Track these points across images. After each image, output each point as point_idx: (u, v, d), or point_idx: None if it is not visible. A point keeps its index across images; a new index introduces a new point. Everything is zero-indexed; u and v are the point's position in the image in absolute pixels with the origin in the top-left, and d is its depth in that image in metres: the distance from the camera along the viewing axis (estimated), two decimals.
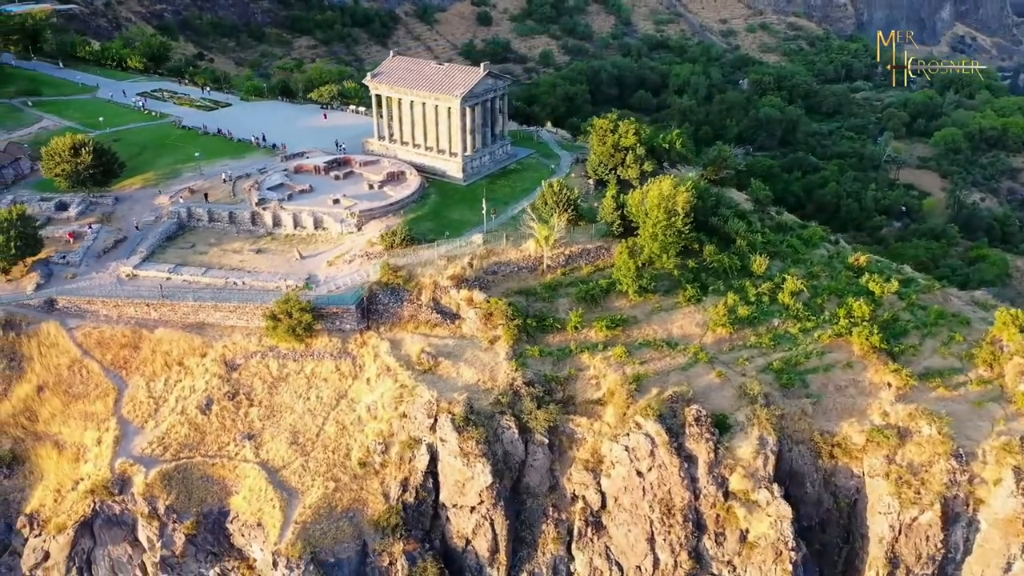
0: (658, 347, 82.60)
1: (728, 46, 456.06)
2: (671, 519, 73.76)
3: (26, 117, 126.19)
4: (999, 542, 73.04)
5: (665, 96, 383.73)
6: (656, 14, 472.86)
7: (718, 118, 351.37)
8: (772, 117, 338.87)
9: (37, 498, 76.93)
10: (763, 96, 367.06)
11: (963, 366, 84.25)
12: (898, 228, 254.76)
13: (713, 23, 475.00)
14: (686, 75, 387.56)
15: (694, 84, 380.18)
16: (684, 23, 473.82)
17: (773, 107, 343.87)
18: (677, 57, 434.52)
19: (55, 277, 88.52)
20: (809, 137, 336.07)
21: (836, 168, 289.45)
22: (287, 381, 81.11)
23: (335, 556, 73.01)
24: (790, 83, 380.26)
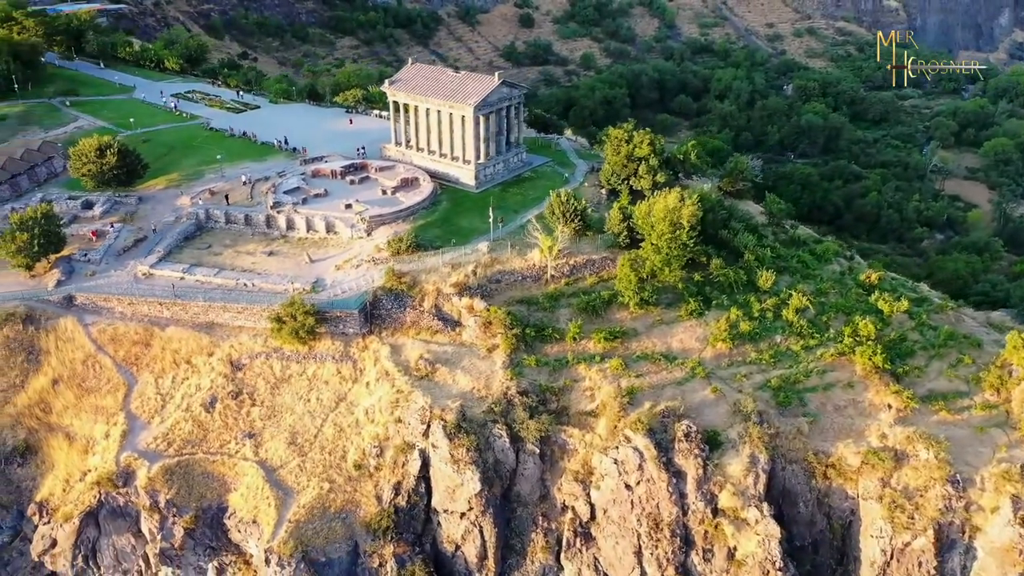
0: (655, 360, 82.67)
1: (774, 51, 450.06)
2: (659, 534, 73.88)
3: (63, 116, 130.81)
4: (995, 571, 71.62)
5: (706, 101, 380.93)
6: (701, 17, 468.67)
7: (759, 124, 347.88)
8: (814, 124, 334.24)
9: (47, 487, 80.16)
10: (807, 102, 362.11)
11: (969, 389, 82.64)
12: (940, 240, 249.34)
13: (759, 27, 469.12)
14: (728, 80, 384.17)
15: (736, 89, 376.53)
16: (729, 27, 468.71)
17: (816, 114, 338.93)
18: (721, 61, 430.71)
19: (76, 274, 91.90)
20: (853, 145, 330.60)
21: (879, 177, 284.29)
22: (289, 382, 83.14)
23: (326, 556, 74.68)
24: (835, 89, 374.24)
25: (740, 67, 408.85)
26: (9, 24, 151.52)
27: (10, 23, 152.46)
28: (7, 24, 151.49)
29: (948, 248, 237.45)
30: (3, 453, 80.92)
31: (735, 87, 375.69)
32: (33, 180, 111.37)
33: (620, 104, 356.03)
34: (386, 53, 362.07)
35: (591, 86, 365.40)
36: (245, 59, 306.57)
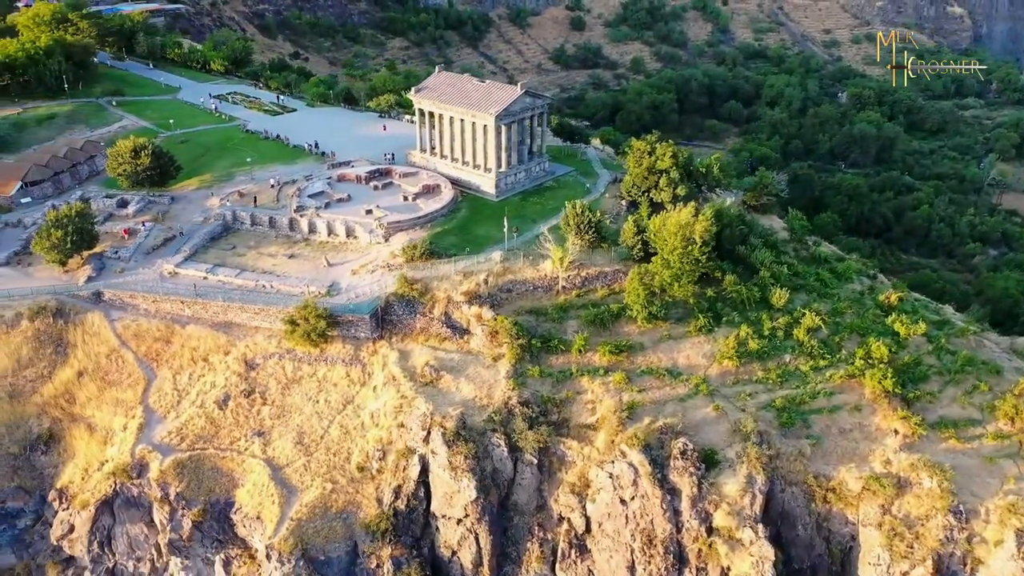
0: (660, 376, 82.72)
1: (830, 57, 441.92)
2: (652, 549, 74.05)
3: (109, 116, 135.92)
4: None
5: (757, 107, 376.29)
6: (756, 22, 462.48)
7: (810, 132, 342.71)
8: (867, 133, 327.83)
9: (67, 475, 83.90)
10: (861, 111, 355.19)
11: (983, 418, 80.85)
12: (993, 257, 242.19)
13: (815, 33, 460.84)
14: (781, 86, 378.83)
15: (788, 96, 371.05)
16: (785, 32, 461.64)
17: (870, 123, 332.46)
18: (774, 67, 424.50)
19: (106, 271, 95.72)
20: (907, 156, 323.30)
21: (932, 190, 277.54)
22: (300, 383, 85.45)
23: (325, 554, 76.68)
24: (892, 98, 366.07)
25: (794, 73, 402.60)
26: (65, 25, 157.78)
27: (66, 24, 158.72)
28: (63, 25, 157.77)
29: (1001, 265, 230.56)
30: (29, 440, 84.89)
31: (787, 94, 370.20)
32: (75, 178, 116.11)
33: (668, 109, 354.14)
34: (436, 54, 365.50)
35: (639, 90, 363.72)
36: (296, 59, 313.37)
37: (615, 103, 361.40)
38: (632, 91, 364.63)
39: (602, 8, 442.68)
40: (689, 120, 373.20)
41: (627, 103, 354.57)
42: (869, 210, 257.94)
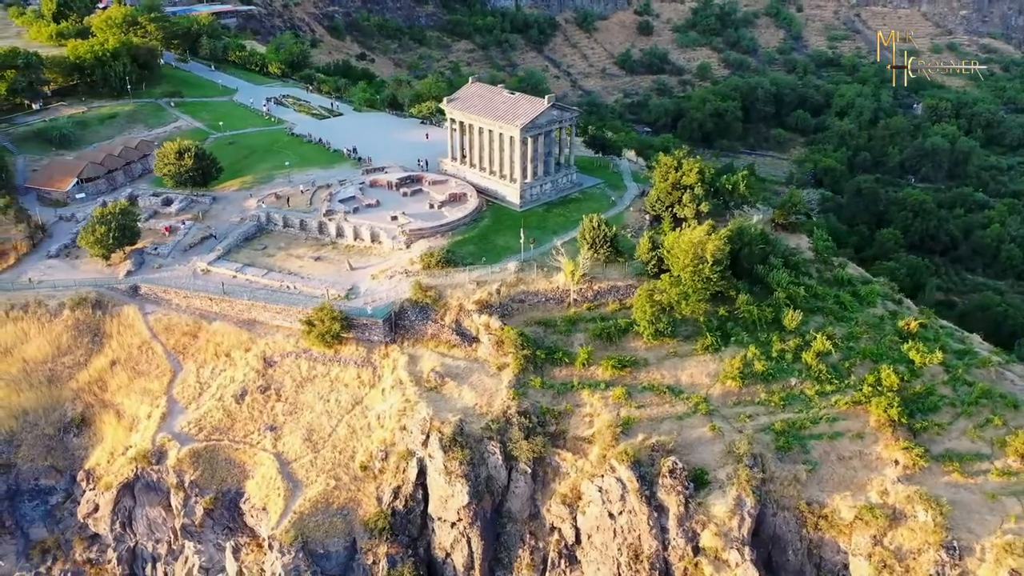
0: (660, 393, 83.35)
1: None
2: (638, 565, 74.95)
3: (166, 116, 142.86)
4: None
5: (826, 117, 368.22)
6: (831, 29, 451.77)
7: (880, 144, 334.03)
8: (939, 147, 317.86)
9: (95, 457, 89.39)
10: (936, 123, 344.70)
11: (992, 453, 79.01)
12: None
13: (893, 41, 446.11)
14: (851, 96, 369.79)
15: (859, 106, 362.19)
16: (860, 40, 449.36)
17: (944, 136, 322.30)
18: (847, 76, 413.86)
19: (145, 266, 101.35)
20: (982, 171, 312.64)
21: (1005, 208, 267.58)
22: (313, 382, 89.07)
23: (325, 548, 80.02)
24: (970, 111, 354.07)
25: (867, 83, 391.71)
26: (134, 28, 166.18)
27: (135, 27, 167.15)
28: (133, 28, 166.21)
29: None
30: (63, 423, 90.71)
31: (858, 104, 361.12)
32: (128, 176, 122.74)
33: (731, 117, 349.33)
34: (500, 57, 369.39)
35: (703, 97, 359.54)
36: (362, 60, 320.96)
37: (678, 110, 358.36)
38: (696, 98, 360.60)
39: (671, 13, 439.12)
40: (754, 129, 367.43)
41: (690, 110, 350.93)
42: (935, 227, 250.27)
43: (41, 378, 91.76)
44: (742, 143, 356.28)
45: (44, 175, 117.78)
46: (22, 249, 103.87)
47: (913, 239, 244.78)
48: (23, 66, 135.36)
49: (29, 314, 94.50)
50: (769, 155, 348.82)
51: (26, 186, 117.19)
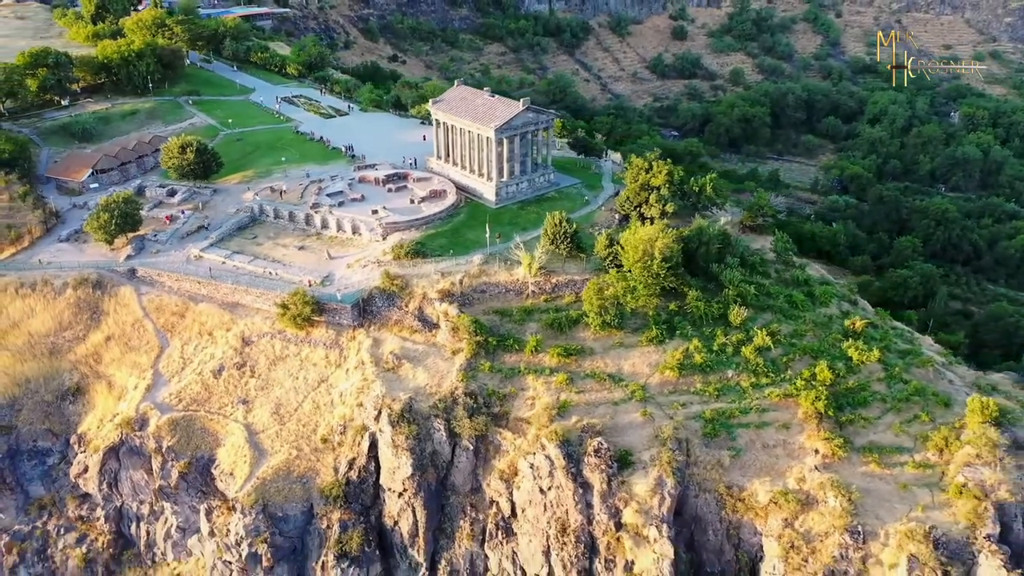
0: (601, 380, 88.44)
1: (947, 74, 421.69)
2: (565, 537, 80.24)
3: (183, 113, 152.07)
4: None
5: (857, 124, 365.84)
6: (870, 36, 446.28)
7: (912, 152, 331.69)
8: (971, 156, 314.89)
9: (87, 423, 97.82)
10: (972, 132, 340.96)
11: (914, 446, 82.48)
12: None
13: (934, 48, 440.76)
14: (885, 103, 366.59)
15: (892, 113, 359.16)
16: (901, 46, 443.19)
17: (978, 145, 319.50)
18: (884, 83, 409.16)
19: (144, 251, 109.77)
20: (1016, 181, 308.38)
21: None
22: (285, 361, 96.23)
23: (284, 512, 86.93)
24: (1009, 120, 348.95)
25: (904, 90, 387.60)
26: (162, 30, 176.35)
27: (164, 28, 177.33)
28: (161, 30, 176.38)
29: None
30: (61, 391, 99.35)
31: (891, 111, 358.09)
32: (141, 168, 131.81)
33: (759, 123, 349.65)
34: (531, 60, 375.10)
35: (731, 103, 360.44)
36: (394, 61, 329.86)
37: (706, 115, 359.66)
38: (725, 103, 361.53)
39: (707, 18, 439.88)
40: (784, 135, 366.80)
41: (718, 115, 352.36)
42: (958, 236, 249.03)
43: (43, 350, 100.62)
44: (770, 149, 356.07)
45: (63, 166, 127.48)
46: (36, 233, 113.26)
47: (935, 248, 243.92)
48: (53, 65, 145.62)
49: (36, 292, 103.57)
50: (797, 161, 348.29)
51: (47, 175, 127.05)
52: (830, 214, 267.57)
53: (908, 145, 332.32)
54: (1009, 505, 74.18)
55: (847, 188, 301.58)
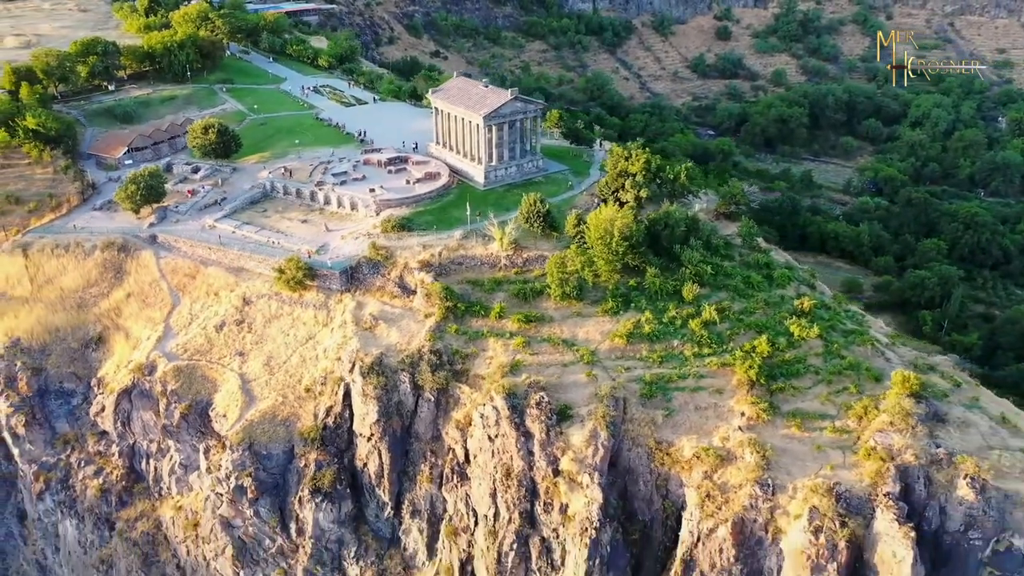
0: (556, 344, 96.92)
1: (998, 79, 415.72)
2: (509, 481, 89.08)
3: (217, 100, 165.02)
4: (791, 572, 79.56)
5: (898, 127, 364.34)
6: (920, 38, 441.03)
7: (952, 156, 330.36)
8: (1011, 161, 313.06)
9: (105, 368, 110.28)
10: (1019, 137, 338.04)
11: (837, 414, 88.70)
12: None
13: (986, 52, 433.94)
14: (928, 107, 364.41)
15: (935, 117, 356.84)
16: (951, 50, 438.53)
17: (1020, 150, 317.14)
18: (932, 86, 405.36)
19: (166, 220, 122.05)
20: None
21: None
22: (279, 319, 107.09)
23: (267, 450, 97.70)
24: None
25: (950, 94, 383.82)
26: (205, 23, 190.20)
27: (206, 22, 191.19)
28: (204, 23, 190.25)
29: None
30: (85, 340, 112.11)
31: (934, 115, 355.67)
32: (173, 148, 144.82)
33: (796, 124, 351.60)
34: (571, 58, 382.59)
35: (768, 103, 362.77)
36: (436, 57, 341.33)
37: (743, 114, 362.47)
38: (762, 103, 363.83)
39: (752, 19, 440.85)
40: (822, 136, 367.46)
41: (754, 115, 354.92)
42: (987, 240, 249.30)
43: (72, 303, 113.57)
44: (806, 149, 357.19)
45: (102, 144, 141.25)
46: (74, 202, 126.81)
47: (963, 251, 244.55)
48: (102, 53, 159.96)
49: (69, 252, 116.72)
50: (834, 162, 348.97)
51: (88, 152, 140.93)
52: (859, 215, 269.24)
53: (949, 149, 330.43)
54: (912, 468, 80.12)
55: (881, 190, 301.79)
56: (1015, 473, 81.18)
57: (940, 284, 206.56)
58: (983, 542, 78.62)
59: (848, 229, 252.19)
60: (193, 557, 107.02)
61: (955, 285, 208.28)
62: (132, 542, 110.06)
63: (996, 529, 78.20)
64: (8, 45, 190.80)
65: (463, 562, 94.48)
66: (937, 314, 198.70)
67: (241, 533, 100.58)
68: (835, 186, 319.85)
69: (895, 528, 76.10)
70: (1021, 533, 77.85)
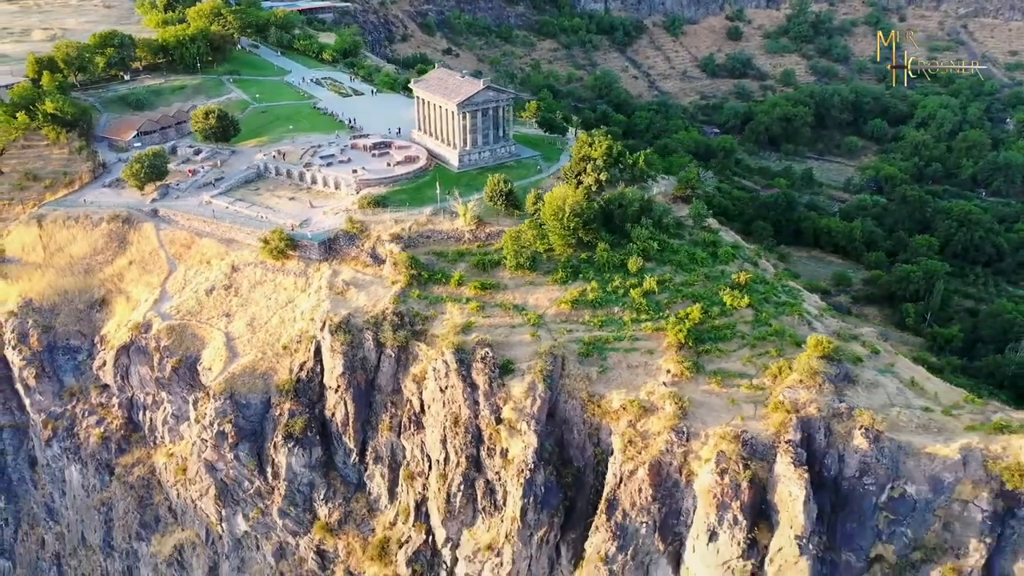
0: (507, 309, 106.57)
1: (1010, 81, 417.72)
2: (457, 428, 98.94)
3: (224, 89, 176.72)
4: (702, 511, 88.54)
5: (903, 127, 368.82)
6: (933, 40, 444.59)
7: (956, 156, 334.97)
8: (1013, 161, 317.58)
9: (108, 327, 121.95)
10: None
11: (755, 373, 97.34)
12: None
13: (999, 54, 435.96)
14: (934, 108, 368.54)
15: (940, 118, 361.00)
16: (963, 51, 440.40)
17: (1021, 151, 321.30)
18: (942, 88, 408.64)
19: (167, 196, 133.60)
20: None
21: None
22: (262, 285, 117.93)
23: (247, 400, 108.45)
24: None
25: (959, 96, 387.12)
26: (217, 18, 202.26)
27: (219, 17, 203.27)
28: (216, 18, 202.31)
29: None
30: (91, 301, 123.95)
31: (939, 116, 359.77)
32: (179, 133, 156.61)
33: (800, 123, 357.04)
34: (581, 57, 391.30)
35: (773, 103, 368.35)
36: (447, 54, 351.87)
37: (748, 113, 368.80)
38: (767, 103, 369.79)
39: (764, 19, 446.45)
40: (828, 135, 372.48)
41: (759, 114, 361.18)
42: (980, 238, 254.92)
43: (80, 269, 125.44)
44: (810, 148, 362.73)
45: (114, 127, 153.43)
46: (85, 179, 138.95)
47: (956, 248, 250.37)
48: (118, 45, 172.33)
49: (79, 223, 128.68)
50: (837, 161, 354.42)
51: (101, 135, 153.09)
52: (855, 212, 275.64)
53: (953, 149, 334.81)
54: (815, 420, 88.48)
55: (882, 188, 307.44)
56: (911, 428, 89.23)
57: (925, 278, 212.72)
58: (877, 487, 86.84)
59: (841, 225, 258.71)
60: (182, 499, 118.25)
61: (939, 280, 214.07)
62: (129, 486, 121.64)
63: (889, 476, 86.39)
64: (36, 38, 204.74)
65: (418, 503, 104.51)
66: (920, 307, 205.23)
67: (223, 475, 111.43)
68: (835, 184, 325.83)
69: (791, 471, 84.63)
70: (913, 481, 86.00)
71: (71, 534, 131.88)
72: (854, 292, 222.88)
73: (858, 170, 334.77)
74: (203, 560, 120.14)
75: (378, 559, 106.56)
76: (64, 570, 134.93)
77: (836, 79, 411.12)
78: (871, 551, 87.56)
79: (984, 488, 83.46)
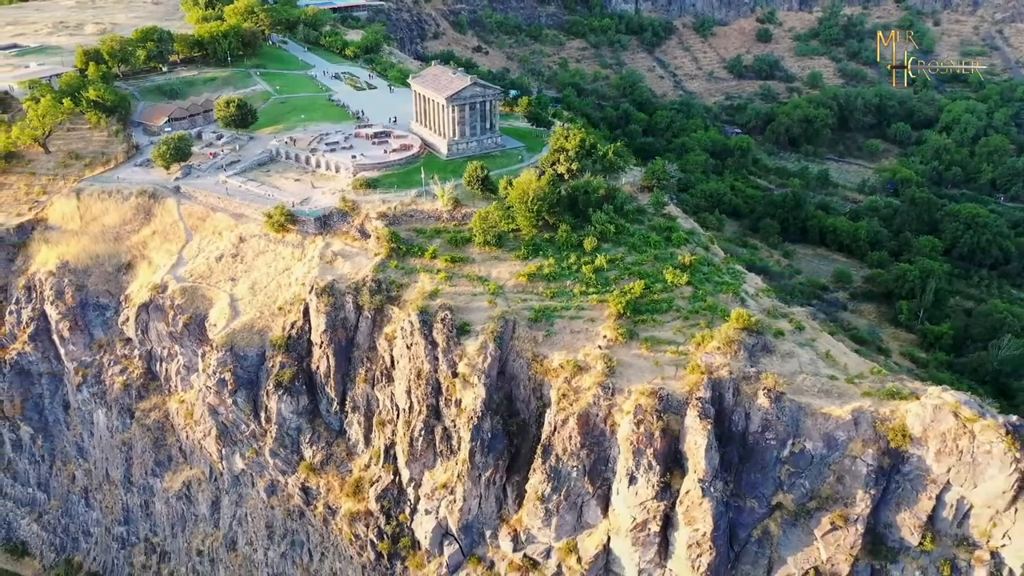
0: (472, 280, 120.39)
1: None
2: (420, 381, 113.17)
3: (250, 82, 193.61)
4: (623, 457, 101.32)
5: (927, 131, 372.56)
6: (966, 44, 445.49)
7: (976, 161, 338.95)
8: None
9: (132, 287, 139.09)
10: None
11: (684, 341, 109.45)
12: None
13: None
14: (959, 112, 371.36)
15: (964, 123, 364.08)
16: (997, 57, 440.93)
17: None
18: (972, 92, 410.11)
19: (189, 175, 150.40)
20: None
21: None
22: (264, 254, 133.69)
23: (245, 353, 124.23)
24: None
25: (988, 101, 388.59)
26: (251, 16, 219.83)
27: (252, 15, 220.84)
28: (250, 16, 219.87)
29: None
30: (119, 265, 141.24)
31: (963, 120, 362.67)
32: (206, 120, 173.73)
33: (820, 124, 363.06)
34: (609, 56, 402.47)
35: (795, 104, 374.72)
36: (477, 52, 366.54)
37: (770, 114, 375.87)
38: (789, 104, 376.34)
39: (795, 22, 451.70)
40: (850, 137, 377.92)
41: (780, 115, 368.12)
42: (988, 241, 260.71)
43: (110, 237, 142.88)
44: (831, 150, 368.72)
45: (148, 114, 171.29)
46: (120, 159, 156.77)
47: (962, 250, 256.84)
48: (157, 40, 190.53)
49: (111, 197, 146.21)
50: (857, 164, 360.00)
51: (137, 120, 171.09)
52: (865, 212, 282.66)
53: (975, 154, 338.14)
54: (725, 380, 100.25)
55: (898, 191, 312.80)
56: (813, 392, 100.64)
57: (921, 277, 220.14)
58: (778, 443, 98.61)
59: (846, 224, 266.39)
60: (190, 440, 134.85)
61: (934, 279, 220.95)
62: (146, 428, 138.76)
63: (789, 433, 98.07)
64: (88, 31, 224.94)
65: (387, 447, 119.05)
66: (914, 304, 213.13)
67: (223, 419, 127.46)
68: (851, 185, 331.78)
69: (697, 423, 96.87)
70: (811, 438, 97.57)
71: (97, 470, 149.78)
72: (852, 289, 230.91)
73: (875, 172, 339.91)
74: (207, 495, 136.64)
75: (353, 496, 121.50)
76: (91, 503, 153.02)
77: (864, 82, 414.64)
78: (773, 499, 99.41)
79: (872, 446, 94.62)
